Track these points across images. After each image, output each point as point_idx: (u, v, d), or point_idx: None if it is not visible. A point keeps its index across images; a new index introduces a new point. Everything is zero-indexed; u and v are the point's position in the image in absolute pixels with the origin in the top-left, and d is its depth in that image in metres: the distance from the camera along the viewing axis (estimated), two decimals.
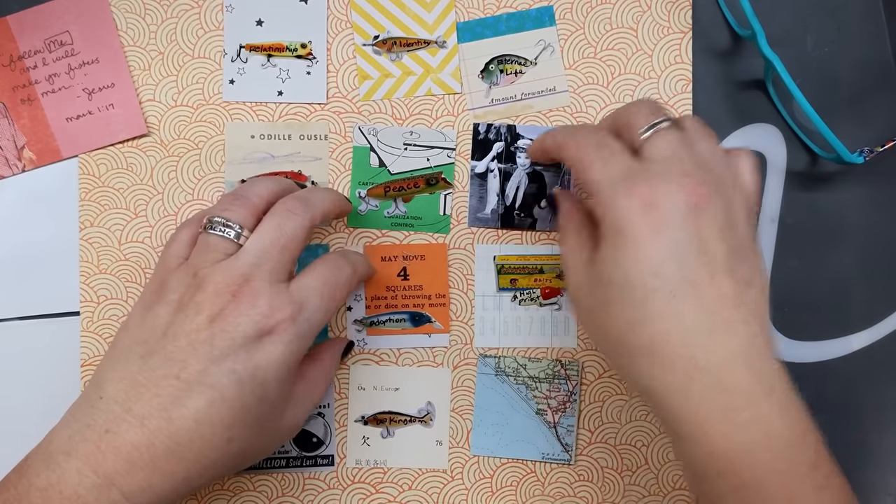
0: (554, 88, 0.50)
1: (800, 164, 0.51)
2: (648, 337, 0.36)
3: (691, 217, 0.35)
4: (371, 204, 0.50)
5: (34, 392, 0.49)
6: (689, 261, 0.35)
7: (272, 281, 0.38)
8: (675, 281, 0.35)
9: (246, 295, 0.37)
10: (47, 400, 0.49)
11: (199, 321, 0.37)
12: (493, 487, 0.50)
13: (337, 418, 0.50)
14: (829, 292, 0.51)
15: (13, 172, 0.49)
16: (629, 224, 0.36)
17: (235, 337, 0.37)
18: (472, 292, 0.50)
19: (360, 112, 0.50)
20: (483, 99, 0.50)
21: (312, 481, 0.50)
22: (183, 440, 0.36)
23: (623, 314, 0.36)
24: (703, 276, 0.35)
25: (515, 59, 0.50)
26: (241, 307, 0.37)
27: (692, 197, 0.36)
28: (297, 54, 0.49)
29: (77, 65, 0.49)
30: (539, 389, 0.50)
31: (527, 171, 0.50)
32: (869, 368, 0.51)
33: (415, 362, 0.50)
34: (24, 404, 0.49)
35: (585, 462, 0.50)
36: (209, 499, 0.49)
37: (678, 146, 0.38)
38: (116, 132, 0.49)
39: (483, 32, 0.50)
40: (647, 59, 0.50)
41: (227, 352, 0.37)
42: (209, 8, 0.49)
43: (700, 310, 0.35)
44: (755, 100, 0.51)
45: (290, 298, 0.39)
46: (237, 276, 0.38)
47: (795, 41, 0.51)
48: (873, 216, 0.51)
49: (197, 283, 0.38)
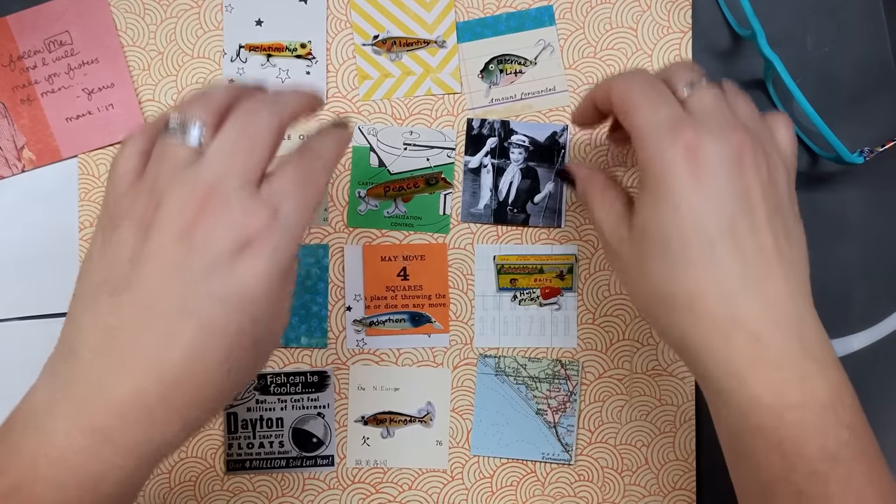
0: (554, 88, 0.50)
1: (800, 164, 0.51)
2: (686, 288, 0.35)
3: (736, 168, 0.35)
4: (371, 204, 0.50)
5: None
6: (730, 210, 0.35)
7: (241, 187, 0.33)
8: (716, 230, 0.35)
9: (215, 205, 0.32)
10: None
11: (166, 241, 0.32)
12: (493, 487, 0.50)
13: (337, 418, 0.50)
14: (830, 292, 0.51)
15: (13, 172, 0.49)
16: (671, 170, 0.35)
17: (211, 254, 0.32)
18: (471, 292, 0.50)
19: (359, 112, 0.49)
20: (483, 99, 0.50)
21: (312, 481, 0.50)
22: (177, 381, 0.32)
23: (661, 266, 0.36)
24: (744, 227, 0.35)
25: (515, 58, 0.50)
26: (211, 219, 0.32)
27: (737, 149, 0.35)
28: (296, 54, 0.49)
29: (77, 65, 0.48)
30: (539, 389, 0.50)
31: (520, 167, 0.50)
32: (869, 368, 0.51)
33: (415, 362, 0.50)
34: None
35: (585, 462, 0.50)
36: (209, 499, 0.49)
37: (721, 102, 0.37)
38: (116, 132, 0.49)
39: (483, 32, 0.50)
40: (647, 59, 0.50)
41: (206, 272, 0.32)
42: (209, 8, 0.49)
43: (740, 260, 0.35)
44: (755, 100, 0.50)
45: (264, 203, 0.33)
46: (202, 184, 0.32)
47: (795, 41, 0.51)
48: (873, 216, 0.51)
49: (156, 200, 0.32)
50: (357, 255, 0.49)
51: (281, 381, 0.49)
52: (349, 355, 0.50)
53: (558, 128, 0.50)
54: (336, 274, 0.50)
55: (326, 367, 0.50)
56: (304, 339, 0.49)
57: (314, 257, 0.49)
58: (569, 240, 0.50)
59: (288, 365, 0.50)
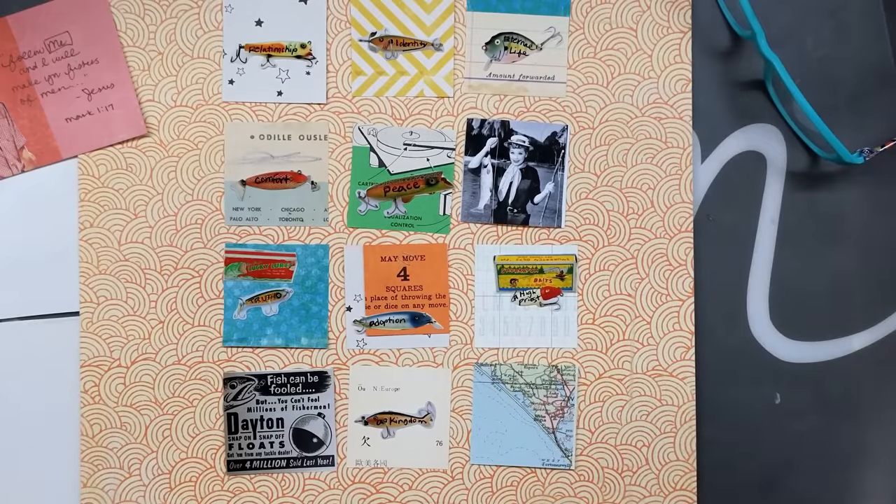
0: (553, 77, 0.50)
1: (800, 164, 0.51)
2: None
3: None
4: (371, 204, 0.50)
5: (34, 392, 0.49)
6: None
7: None
8: None
9: None
10: (47, 400, 0.49)
11: None
12: (493, 488, 0.50)
13: (337, 419, 0.50)
14: (829, 292, 0.51)
15: (13, 173, 0.49)
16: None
17: None
18: (471, 292, 0.50)
19: (359, 112, 0.50)
20: (481, 71, 0.49)
21: (312, 481, 0.50)
22: None
23: None
24: None
25: (522, 39, 0.49)
26: None
27: None
28: (296, 54, 0.49)
29: (77, 65, 0.49)
30: (536, 396, 0.50)
31: (520, 167, 0.50)
32: (869, 368, 0.51)
33: (415, 363, 0.50)
34: (24, 404, 0.49)
35: (586, 462, 0.50)
36: (209, 499, 0.49)
37: None
38: (116, 132, 0.49)
39: (496, 5, 0.49)
40: (647, 59, 0.50)
41: None
42: (208, 8, 0.49)
43: None
44: (755, 100, 0.51)
45: None
46: None
47: (795, 41, 0.51)
48: (873, 216, 0.51)
49: None
50: (357, 255, 0.49)
51: (281, 382, 0.49)
52: (349, 355, 0.50)
53: (558, 128, 0.50)
54: (336, 274, 0.50)
55: (327, 368, 0.50)
56: (304, 340, 0.49)
57: (314, 257, 0.49)
58: (569, 240, 0.50)
59: (288, 365, 0.50)
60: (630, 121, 0.50)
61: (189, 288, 0.49)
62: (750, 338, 0.51)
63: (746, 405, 0.51)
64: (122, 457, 0.49)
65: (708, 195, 0.51)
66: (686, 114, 0.50)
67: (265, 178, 0.49)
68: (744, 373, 0.51)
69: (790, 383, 0.51)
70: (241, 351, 0.49)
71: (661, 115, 0.50)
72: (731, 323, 0.51)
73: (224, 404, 0.49)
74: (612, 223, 0.50)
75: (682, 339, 0.50)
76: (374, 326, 0.50)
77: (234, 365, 0.49)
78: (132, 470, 0.49)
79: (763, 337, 0.51)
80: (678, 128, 0.50)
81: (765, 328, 0.51)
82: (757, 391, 0.51)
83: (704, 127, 0.51)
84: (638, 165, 0.50)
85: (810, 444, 0.51)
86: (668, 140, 0.50)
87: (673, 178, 0.50)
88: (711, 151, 0.51)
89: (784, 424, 0.51)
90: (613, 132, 0.50)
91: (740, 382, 0.51)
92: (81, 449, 0.49)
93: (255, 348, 0.49)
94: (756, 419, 0.51)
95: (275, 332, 0.49)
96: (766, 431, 0.51)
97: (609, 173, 0.50)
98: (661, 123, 0.50)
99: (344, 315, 0.50)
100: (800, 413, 0.51)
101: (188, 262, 0.49)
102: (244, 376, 0.49)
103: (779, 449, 0.51)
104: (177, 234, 0.49)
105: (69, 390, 0.49)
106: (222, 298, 0.49)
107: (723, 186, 0.51)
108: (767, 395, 0.51)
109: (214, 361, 0.49)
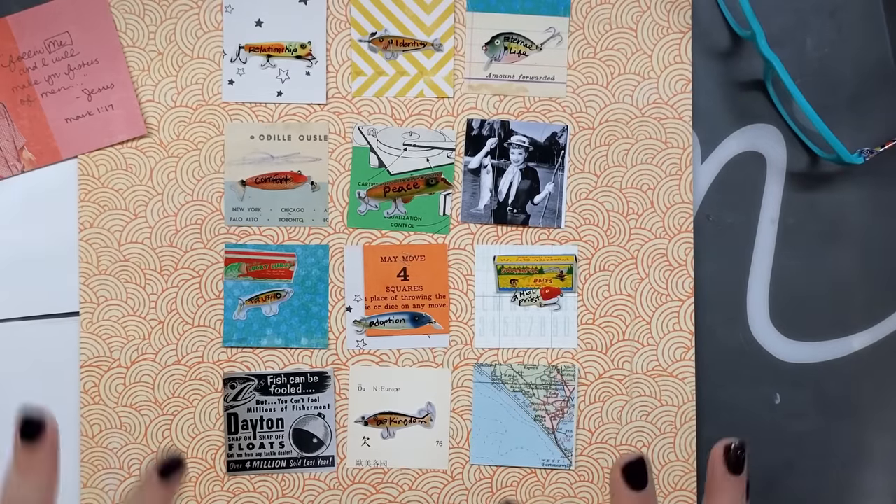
0: (553, 78, 0.50)
1: (800, 164, 0.51)
2: None
3: None
4: (371, 204, 0.50)
5: (34, 392, 0.49)
6: None
7: None
8: None
9: None
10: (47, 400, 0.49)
11: None
12: (493, 488, 0.50)
13: (337, 419, 0.50)
14: (829, 292, 0.51)
15: (13, 173, 0.49)
16: None
17: None
18: (471, 292, 0.50)
19: (359, 112, 0.50)
20: (481, 71, 0.49)
21: (312, 482, 0.50)
22: None
23: None
24: None
25: (522, 39, 0.49)
26: None
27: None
28: (296, 55, 0.49)
29: (77, 65, 0.49)
30: (536, 396, 0.50)
31: (520, 168, 0.50)
32: (869, 369, 0.51)
33: (415, 363, 0.50)
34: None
35: (586, 463, 0.50)
36: (209, 499, 0.49)
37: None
38: (116, 133, 0.49)
39: (496, 6, 0.49)
40: (647, 60, 0.50)
41: None
42: (208, 8, 0.49)
43: None
44: (755, 100, 0.51)
45: None
46: None
47: (795, 41, 0.51)
48: (873, 216, 0.51)
49: None
50: (357, 255, 0.49)
51: (281, 382, 0.49)
52: (349, 356, 0.50)
53: (558, 128, 0.50)
54: (336, 274, 0.50)
55: (327, 368, 0.50)
56: (304, 340, 0.49)
57: (314, 257, 0.49)
58: (569, 240, 0.50)
59: (288, 365, 0.50)
60: (630, 121, 0.50)
61: (189, 288, 0.49)
62: (750, 338, 0.51)
63: (746, 405, 0.51)
64: (122, 457, 0.49)
65: (708, 195, 0.51)
66: (686, 114, 0.50)
67: (265, 179, 0.49)
68: (744, 373, 0.51)
69: (790, 383, 0.51)
70: (240, 351, 0.49)
71: (661, 115, 0.50)
72: (731, 323, 0.51)
73: (224, 405, 0.49)
74: (612, 223, 0.50)
75: (682, 340, 0.50)
76: (374, 327, 0.50)
77: (234, 365, 0.49)
78: (132, 470, 0.49)
79: (763, 337, 0.51)
80: (678, 128, 0.50)
81: (765, 328, 0.51)
82: (757, 391, 0.51)
83: (704, 127, 0.51)
84: (638, 166, 0.50)
85: (810, 445, 0.51)
86: (668, 140, 0.50)
87: (673, 179, 0.50)
88: (711, 152, 0.51)
89: (784, 424, 0.51)
90: (613, 132, 0.50)
91: (740, 383, 0.51)
92: (81, 449, 0.49)
93: (255, 348, 0.49)
94: (756, 419, 0.51)
95: (275, 333, 0.49)
96: (765, 432, 0.51)
97: (609, 173, 0.50)
98: (661, 124, 0.50)
99: (344, 315, 0.50)
100: (800, 413, 0.51)
101: (188, 263, 0.49)
102: (244, 376, 0.49)
103: (779, 449, 0.51)
104: (177, 234, 0.49)
105: (69, 390, 0.49)
106: (222, 299, 0.49)
107: (723, 187, 0.51)
108: (767, 396, 0.51)
109: (214, 362, 0.49)
